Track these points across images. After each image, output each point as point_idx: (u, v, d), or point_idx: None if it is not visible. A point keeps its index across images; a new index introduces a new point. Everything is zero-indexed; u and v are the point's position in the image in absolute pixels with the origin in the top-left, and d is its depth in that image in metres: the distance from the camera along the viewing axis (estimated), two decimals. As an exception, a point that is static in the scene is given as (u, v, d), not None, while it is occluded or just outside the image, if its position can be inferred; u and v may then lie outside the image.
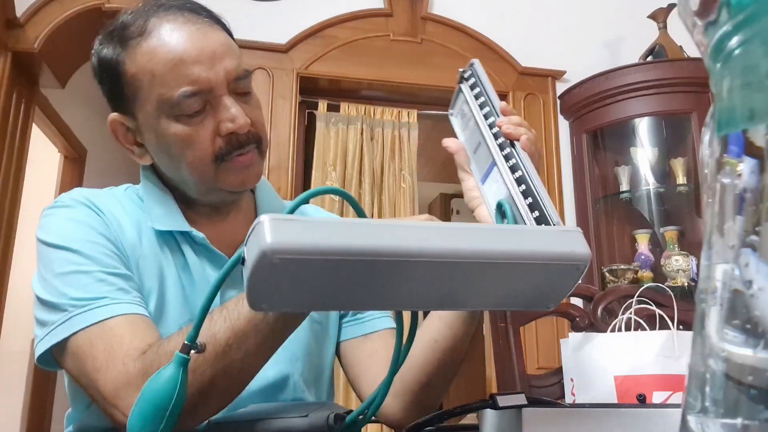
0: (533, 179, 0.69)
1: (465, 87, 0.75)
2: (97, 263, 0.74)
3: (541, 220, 0.68)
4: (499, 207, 0.71)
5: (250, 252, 0.42)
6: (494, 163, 0.72)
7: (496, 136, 0.72)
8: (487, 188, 0.74)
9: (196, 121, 0.76)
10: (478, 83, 0.74)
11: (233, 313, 0.65)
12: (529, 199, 0.69)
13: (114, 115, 0.83)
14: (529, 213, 0.69)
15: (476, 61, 0.75)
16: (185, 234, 0.83)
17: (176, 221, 0.82)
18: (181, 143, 0.77)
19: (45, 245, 0.77)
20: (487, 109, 0.73)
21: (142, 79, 0.77)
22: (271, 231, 0.41)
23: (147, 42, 0.77)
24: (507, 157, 0.70)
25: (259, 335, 0.65)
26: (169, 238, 0.82)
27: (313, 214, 1.01)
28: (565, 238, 0.56)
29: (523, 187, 0.69)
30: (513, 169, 0.70)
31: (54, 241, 0.76)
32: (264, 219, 0.41)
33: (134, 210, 0.83)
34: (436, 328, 0.80)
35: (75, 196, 0.82)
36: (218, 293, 0.81)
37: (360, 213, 0.56)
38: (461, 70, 0.74)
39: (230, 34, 0.83)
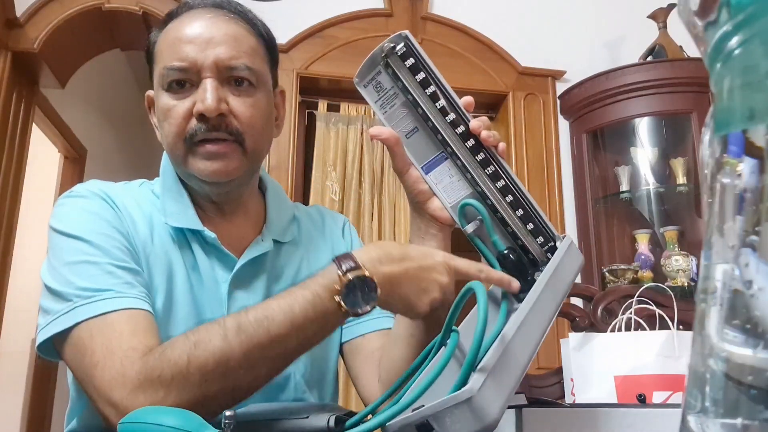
0: (524, 191, 0.69)
1: (396, 63, 0.69)
2: (107, 255, 0.74)
3: (537, 232, 0.68)
4: (463, 208, 0.71)
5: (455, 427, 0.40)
6: (446, 157, 0.71)
7: (463, 137, 0.69)
8: (435, 180, 0.72)
9: (178, 97, 0.79)
10: (422, 67, 0.68)
11: (252, 339, 0.64)
12: (520, 211, 0.68)
13: (149, 91, 0.88)
14: (520, 224, 0.69)
15: (409, 35, 0.69)
16: (196, 233, 0.83)
17: (190, 219, 0.83)
18: (163, 114, 0.80)
19: (57, 233, 0.77)
20: (442, 102, 0.68)
21: (156, 55, 0.83)
22: (492, 405, 0.40)
23: (169, 26, 0.83)
24: (484, 163, 0.69)
25: (272, 364, 0.66)
26: (180, 236, 0.83)
27: (318, 216, 1.01)
28: (571, 255, 0.62)
29: (511, 197, 0.68)
30: (495, 176, 0.69)
31: (66, 230, 0.76)
32: (472, 392, 0.39)
33: (147, 206, 0.84)
34: (410, 323, 0.80)
35: (91, 188, 0.82)
36: (227, 293, 0.82)
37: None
38: (390, 44, 0.68)
39: (264, 39, 0.85)
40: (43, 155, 3.21)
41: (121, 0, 2.44)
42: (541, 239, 0.68)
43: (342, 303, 0.64)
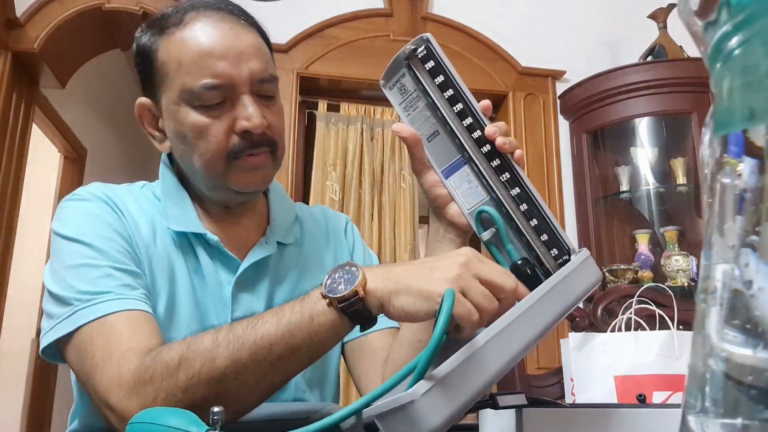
0: (539, 200, 0.67)
1: (417, 66, 0.68)
2: (108, 258, 0.74)
3: (552, 244, 0.67)
4: (479, 214, 0.70)
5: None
6: (464, 162, 0.70)
7: (479, 142, 0.68)
8: (454, 185, 0.72)
9: (214, 114, 0.77)
10: (442, 69, 0.67)
11: (238, 341, 0.62)
12: (535, 221, 0.67)
13: (142, 99, 0.85)
14: (534, 234, 0.67)
15: (430, 37, 0.68)
16: (199, 236, 0.83)
17: (191, 222, 0.83)
18: (196, 133, 0.78)
19: (59, 237, 0.77)
20: (460, 106, 0.67)
21: (170, 66, 0.79)
22: (435, 413, 0.39)
23: (181, 33, 0.79)
24: (499, 170, 0.68)
25: (259, 371, 0.62)
26: (183, 239, 0.83)
27: (321, 216, 1.00)
28: (586, 269, 0.60)
29: (526, 206, 0.67)
30: (510, 184, 0.67)
31: (67, 234, 0.76)
32: (413, 397, 0.39)
33: (150, 208, 0.84)
34: (418, 328, 0.79)
35: (93, 191, 0.82)
36: (230, 295, 0.82)
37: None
38: (412, 46, 0.68)
39: (266, 40, 0.85)
40: (43, 155, 3.21)
41: (121, 0, 2.44)
42: (555, 251, 0.66)
43: (323, 292, 0.61)
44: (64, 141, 3.25)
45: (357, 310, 0.60)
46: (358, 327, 0.92)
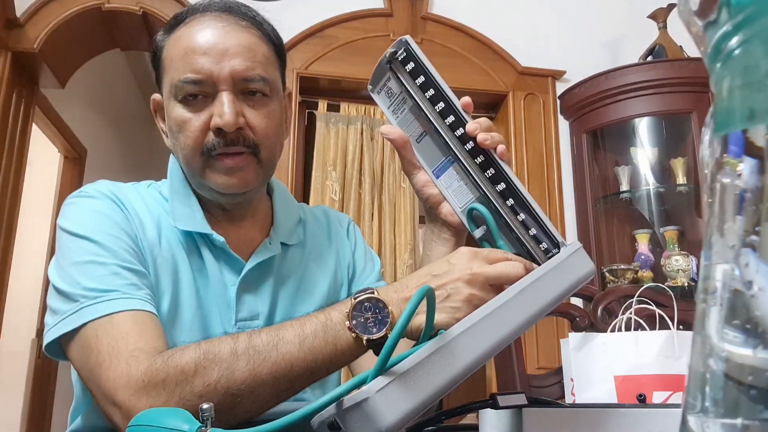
0: (525, 195, 0.67)
1: (399, 68, 0.69)
2: (114, 256, 0.74)
3: (541, 238, 0.67)
4: (471, 212, 0.70)
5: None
6: (452, 161, 0.70)
7: (462, 140, 0.68)
8: (445, 184, 0.72)
9: (194, 109, 0.79)
10: (422, 70, 0.68)
11: (259, 357, 0.63)
12: (522, 215, 0.67)
13: (155, 95, 0.87)
14: (523, 229, 0.67)
15: (409, 39, 0.69)
16: (205, 236, 0.83)
17: (198, 222, 0.83)
18: (177, 126, 0.80)
19: (65, 233, 0.77)
20: (442, 105, 0.68)
21: (166, 63, 0.81)
22: (391, 409, 0.39)
23: (179, 32, 0.81)
24: (483, 166, 0.68)
25: (276, 387, 0.64)
26: (188, 239, 0.83)
27: (324, 217, 1.00)
28: (576, 262, 0.61)
29: (512, 201, 0.67)
30: (494, 180, 0.67)
31: (75, 230, 0.76)
32: (368, 394, 0.39)
33: (156, 208, 0.84)
34: None
35: (100, 188, 0.82)
36: (235, 296, 0.82)
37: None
38: (392, 50, 0.69)
39: (275, 45, 0.85)
40: (43, 155, 3.22)
41: (121, 0, 2.44)
42: (544, 245, 0.67)
43: (350, 324, 0.64)
44: (64, 141, 3.25)
45: (380, 344, 0.63)
46: None
